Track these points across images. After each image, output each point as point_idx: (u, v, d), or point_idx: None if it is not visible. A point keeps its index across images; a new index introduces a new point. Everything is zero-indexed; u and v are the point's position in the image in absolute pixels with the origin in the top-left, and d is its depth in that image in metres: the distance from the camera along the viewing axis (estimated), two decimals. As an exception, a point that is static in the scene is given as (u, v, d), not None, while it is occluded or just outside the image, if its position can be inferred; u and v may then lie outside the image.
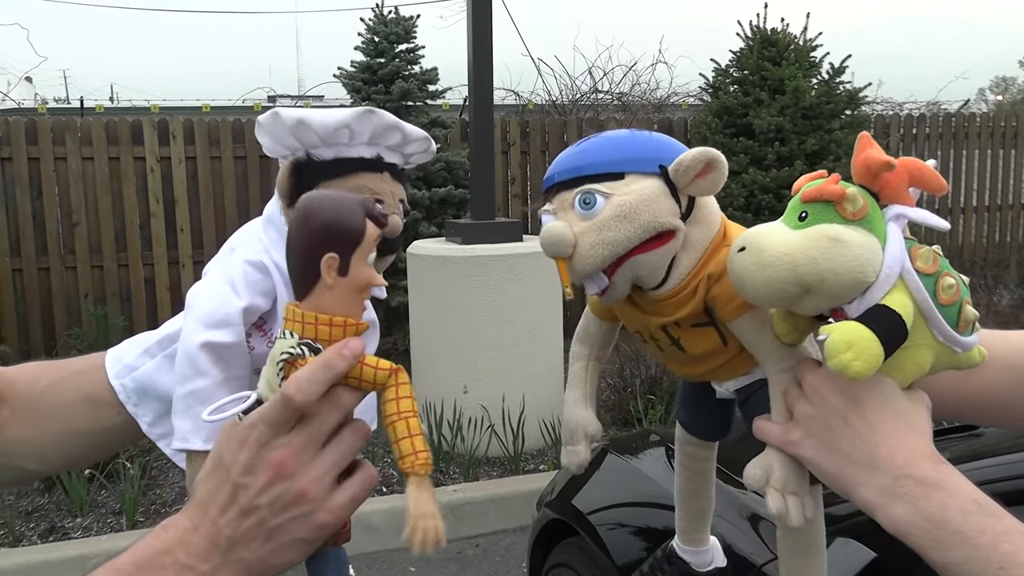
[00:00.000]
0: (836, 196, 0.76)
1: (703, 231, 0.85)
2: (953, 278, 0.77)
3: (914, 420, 0.78)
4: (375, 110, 0.90)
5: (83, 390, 0.93)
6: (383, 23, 6.92)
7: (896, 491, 0.73)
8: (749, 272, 0.76)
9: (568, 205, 0.82)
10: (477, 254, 4.69)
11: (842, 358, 0.71)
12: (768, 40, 6.79)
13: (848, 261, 0.73)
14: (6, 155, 6.49)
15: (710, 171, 0.81)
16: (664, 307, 0.86)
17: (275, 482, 0.68)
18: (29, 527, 4.08)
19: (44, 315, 6.65)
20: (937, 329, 0.77)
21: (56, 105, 12.52)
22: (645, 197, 0.80)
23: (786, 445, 0.81)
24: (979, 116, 9.36)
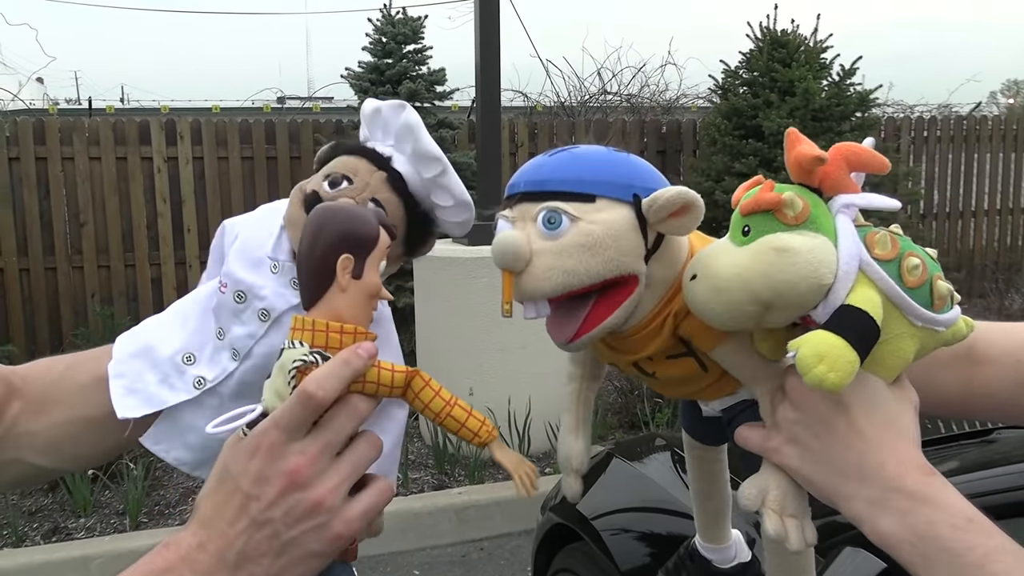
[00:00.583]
0: (773, 204, 0.71)
1: (667, 269, 0.79)
2: (917, 257, 0.73)
3: (903, 423, 0.74)
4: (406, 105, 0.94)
5: (94, 372, 0.91)
6: (391, 24, 6.90)
7: (885, 504, 0.70)
8: (704, 299, 0.73)
9: (530, 218, 0.76)
10: (484, 255, 4.66)
11: (815, 372, 0.67)
12: (778, 41, 6.75)
13: (800, 269, 0.69)
14: (14, 155, 6.49)
15: (685, 213, 0.75)
16: (630, 343, 0.82)
17: (289, 492, 0.65)
18: (32, 527, 4.08)
19: (51, 315, 6.65)
20: (912, 315, 0.73)
21: (67, 106, 12.55)
22: (613, 230, 0.74)
23: (767, 452, 0.77)
24: (991, 119, 9.30)
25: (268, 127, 7.00)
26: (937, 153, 8.87)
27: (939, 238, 8.85)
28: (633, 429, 4.93)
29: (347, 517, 0.67)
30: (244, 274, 0.89)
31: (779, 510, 0.77)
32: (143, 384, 0.90)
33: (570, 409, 0.95)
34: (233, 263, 0.90)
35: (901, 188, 6.88)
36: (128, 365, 0.91)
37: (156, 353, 0.91)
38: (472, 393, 4.64)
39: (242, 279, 0.89)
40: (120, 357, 0.91)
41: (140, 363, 0.91)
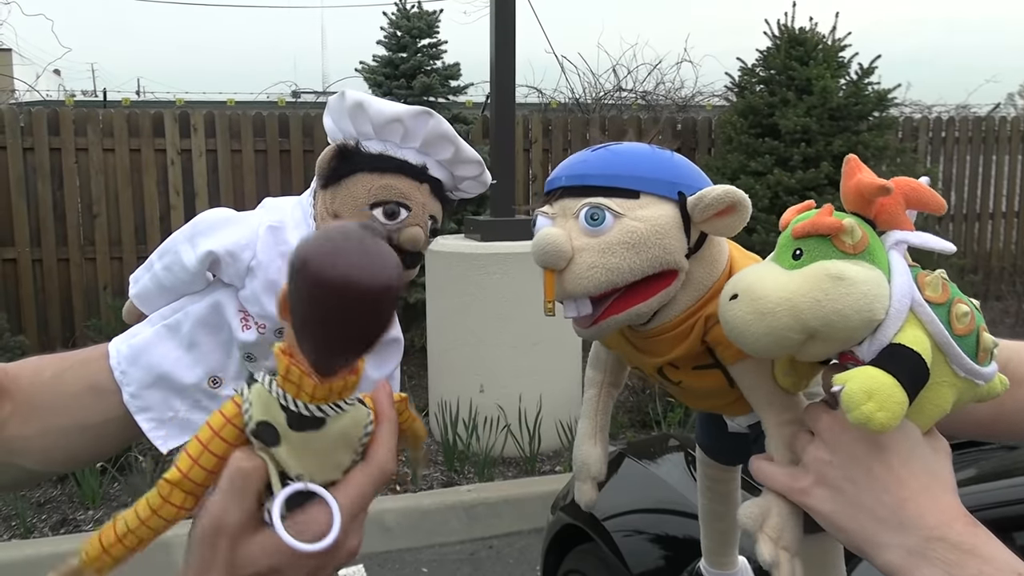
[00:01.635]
0: (833, 229, 0.68)
1: (707, 270, 0.77)
2: (966, 305, 0.70)
3: (941, 473, 0.70)
4: (433, 113, 0.88)
5: (87, 380, 0.89)
6: (406, 17, 6.88)
7: (927, 554, 0.66)
8: (745, 322, 0.68)
9: (571, 214, 0.74)
10: (496, 251, 4.64)
11: (863, 409, 0.63)
12: (796, 39, 6.69)
13: (855, 300, 0.66)
14: (28, 145, 6.50)
15: (731, 213, 0.73)
16: (655, 344, 0.79)
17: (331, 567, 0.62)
18: (41, 519, 4.07)
19: (63, 306, 6.66)
20: (957, 363, 0.69)
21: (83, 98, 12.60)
22: (657, 228, 0.72)
23: (793, 493, 0.73)
24: (1009, 121, 9.20)
25: (282, 120, 6.99)
26: (955, 154, 8.79)
27: (956, 240, 8.77)
28: (645, 428, 4.89)
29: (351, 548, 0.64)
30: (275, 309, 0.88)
31: (776, 539, 0.75)
32: (172, 412, 0.90)
33: (588, 415, 0.92)
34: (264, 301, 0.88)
35: (918, 189, 6.81)
36: (149, 397, 0.89)
37: (175, 381, 0.90)
38: (483, 390, 4.62)
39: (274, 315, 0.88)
40: (135, 390, 0.89)
41: (161, 393, 0.90)
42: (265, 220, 0.90)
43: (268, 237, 0.89)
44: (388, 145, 0.88)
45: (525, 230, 4.86)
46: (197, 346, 0.90)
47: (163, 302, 0.93)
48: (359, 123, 0.88)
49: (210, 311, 0.90)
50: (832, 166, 6.29)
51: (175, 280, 0.91)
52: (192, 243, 0.89)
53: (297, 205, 0.92)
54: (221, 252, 0.87)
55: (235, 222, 0.90)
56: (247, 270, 0.88)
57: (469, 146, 0.92)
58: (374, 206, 0.85)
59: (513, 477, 4.50)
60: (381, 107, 0.86)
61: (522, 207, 7.05)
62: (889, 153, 6.70)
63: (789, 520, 0.75)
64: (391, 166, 0.87)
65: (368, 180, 0.86)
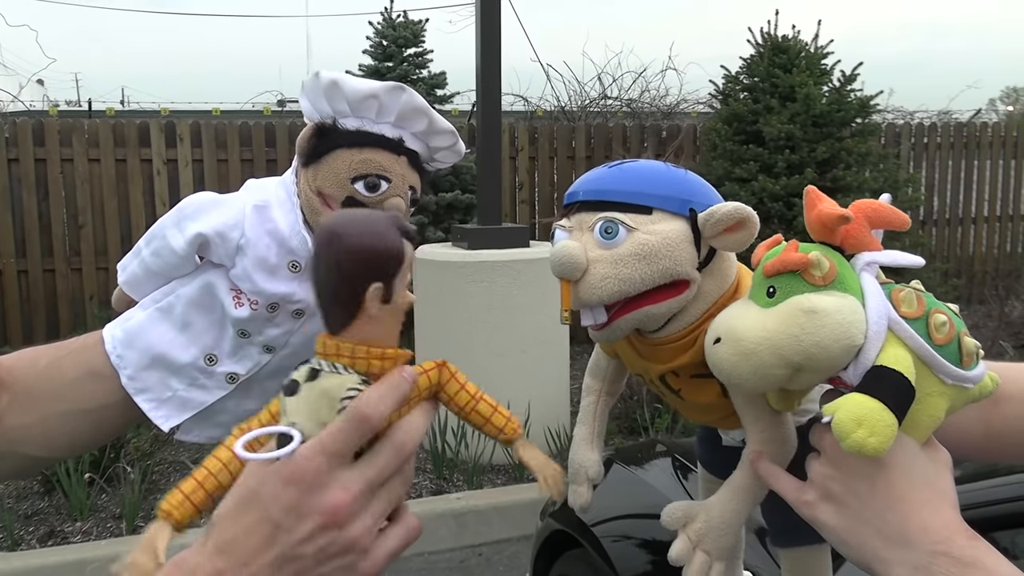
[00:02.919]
0: (800, 264, 0.70)
1: (717, 283, 0.80)
2: (944, 313, 0.72)
3: (941, 485, 0.72)
4: (406, 88, 0.91)
5: (84, 366, 0.90)
6: (392, 27, 6.90)
7: (931, 570, 0.67)
8: (731, 364, 0.71)
9: (587, 227, 0.78)
10: (483, 259, 4.65)
11: (855, 438, 0.65)
12: (779, 47, 6.74)
13: (831, 331, 0.68)
14: (13, 156, 6.49)
15: (741, 228, 0.76)
16: (660, 352, 0.83)
17: (326, 529, 0.62)
18: (28, 531, 4.05)
19: (49, 316, 6.64)
20: (943, 373, 0.71)
21: (67, 108, 12.55)
22: (668, 241, 0.76)
23: (800, 506, 0.75)
24: (991, 126, 9.30)
25: (268, 130, 6.99)
26: (937, 159, 8.87)
27: (939, 244, 8.84)
28: (633, 435, 4.91)
29: (376, 558, 0.65)
30: (271, 286, 0.90)
31: (695, 541, 0.79)
32: (171, 392, 0.92)
33: (585, 421, 0.95)
34: (256, 278, 0.90)
35: (901, 194, 6.87)
36: (146, 378, 0.91)
37: (171, 361, 0.91)
38: (471, 397, 4.62)
39: (273, 292, 0.90)
40: (132, 373, 0.91)
41: (158, 373, 0.91)
42: (250, 200, 0.92)
43: (254, 216, 0.90)
44: (364, 121, 0.90)
45: (512, 238, 4.88)
46: (191, 326, 0.92)
47: (152, 287, 0.95)
48: (335, 101, 0.90)
49: (201, 292, 0.92)
50: (816, 172, 6.34)
51: (164, 265, 0.93)
52: (179, 227, 0.90)
53: (280, 185, 0.94)
54: (210, 233, 0.89)
55: (221, 203, 0.92)
56: (236, 249, 0.90)
57: (442, 117, 0.95)
58: (355, 180, 0.88)
59: (502, 484, 4.51)
60: (356, 84, 0.89)
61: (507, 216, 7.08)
62: (872, 159, 6.75)
63: (716, 529, 0.79)
64: (369, 141, 0.90)
65: (348, 155, 0.89)
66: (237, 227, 0.90)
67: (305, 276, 0.91)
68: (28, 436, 0.89)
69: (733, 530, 0.80)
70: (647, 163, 0.82)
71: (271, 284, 0.90)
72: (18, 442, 0.89)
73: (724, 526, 0.80)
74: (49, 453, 0.93)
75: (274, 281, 0.91)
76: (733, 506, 0.81)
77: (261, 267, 0.90)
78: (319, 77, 0.89)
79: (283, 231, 0.90)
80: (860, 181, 6.37)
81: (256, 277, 0.90)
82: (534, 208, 7.72)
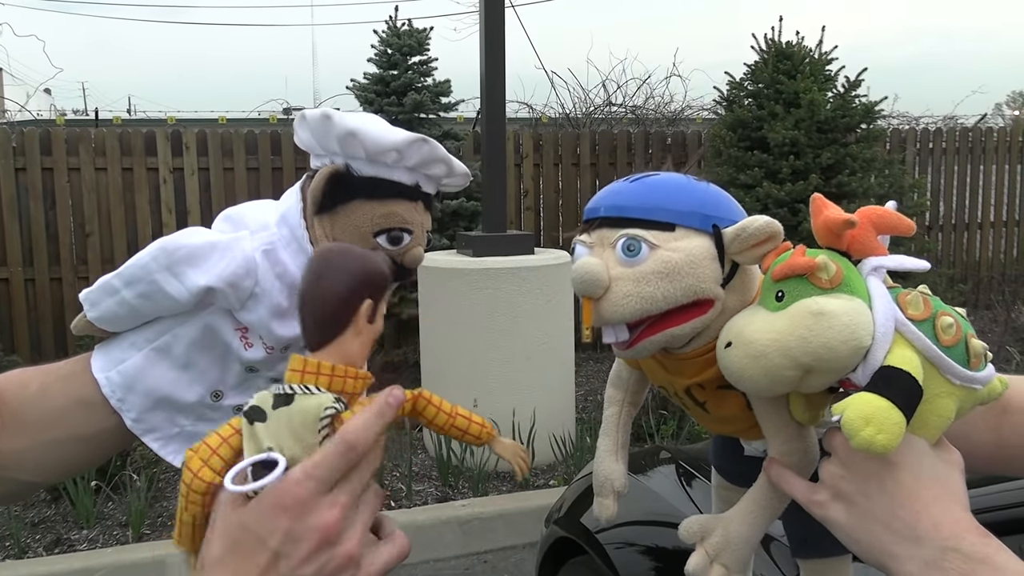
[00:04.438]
0: (807, 268, 0.72)
1: (740, 298, 0.80)
2: (950, 316, 0.73)
3: (951, 484, 0.73)
4: (428, 140, 0.87)
5: (73, 394, 0.88)
6: (396, 35, 6.92)
7: (942, 566, 0.68)
8: (742, 366, 0.73)
9: (608, 244, 0.77)
10: (488, 266, 4.66)
11: (863, 435, 0.67)
12: (783, 53, 6.74)
13: (838, 332, 0.70)
14: (20, 165, 6.52)
15: (768, 243, 0.76)
16: (686, 366, 0.83)
17: (322, 548, 0.63)
18: (35, 538, 4.06)
19: (56, 325, 6.66)
20: (950, 373, 0.73)
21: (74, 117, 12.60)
22: (692, 259, 0.76)
23: (812, 506, 0.76)
24: (996, 131, 9.28)
25: (274, 138, 7.01)
26: (943, 165, 8.85)
27: (945, 250, 8.82)
28: (638, 441, 4.90)
29: (371, 570, 0.66)
30: (285, 331, 0.89)
31: (713, 555, 0.79)
32: (178, 428, 0.91)
33: (609, 433, 0.95)
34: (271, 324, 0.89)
35: (907, 199, 6.86)
36: (152, 419, 0.90)
37: (176, 401, 0.90)
38: (476, 405, 4.62)
39: (289, 336, 0.89)
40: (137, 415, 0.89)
41: (164, 413, 0.90)
42: (257, 245, 0.88)
43: (264, 262, 0.87)
44: (379, 168, 0.87)
45: (516, 245, 4.89)
46: (193, 365, 0.89)
47: (136, 323, 0.91)
48: (350, 148, 0.86)
49: (203, 333, 0.89)
50: (821, 178, 6.33)
51: (157, 308, 0.88)
52: (173, 272, 0.84)
53: (282, 222, 0.89)
54: (220, 286, 0.85)
55: (222, 248, 0.86)
56: (249, 296, 0.87)
57: (459, 162, 0.93)
58: (378, 234, 0.86)
59: (507, 492, 4.51)
60: (376, 137, 0.85)
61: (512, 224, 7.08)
62: (877, 165, 6.75)
63: (732, 544, 0.79)
64: (389, 192, 0.87)
65: (368, 208, 0.86)
66: (249, 275, 0.86)
67: None
68: (19, 462, 0.87)
69: (751, 544, 0.81)
70: (668, 177, 0.81)
71: (285, 328, 0.88)
72: (9, 467, 0.87)
73: (742, 541, 0.80)
74: (41, 478, 0.91)
75: (287, 324, 0.88)
76: (752, 519, 0.81)
77: (278, 314, 0.88)
78: (332, 120, 0.85)
79: (292, 273, 0.87)
80: (865, 187, 6.36)
81: (273, 325, 0.88)
82: (539, 215, 7.73)
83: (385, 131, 0.86)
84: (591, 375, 6.76)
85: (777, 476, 0.79)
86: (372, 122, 0.86)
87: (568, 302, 4.94)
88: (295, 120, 0.91)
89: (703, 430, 4.91)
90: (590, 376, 6.72)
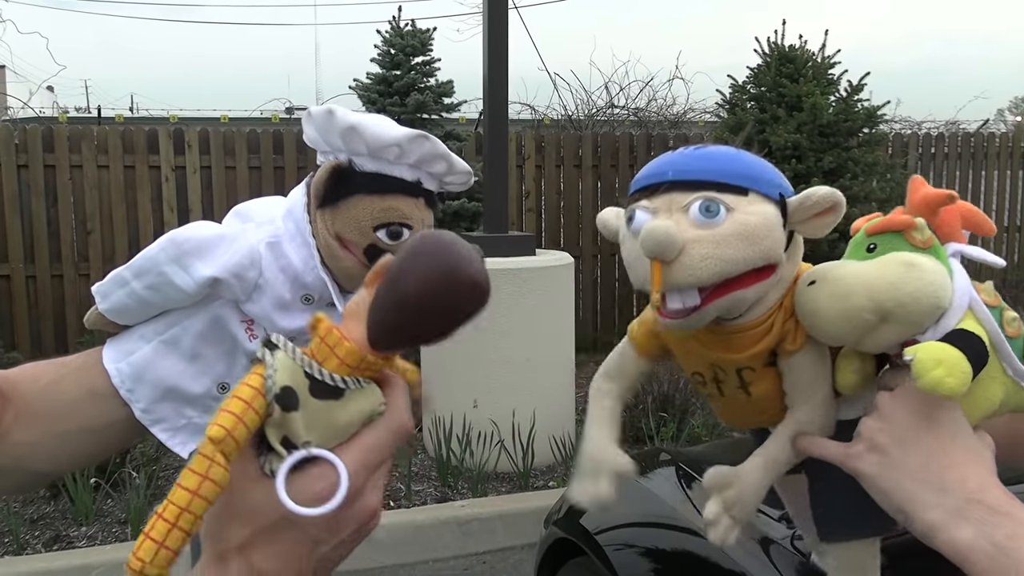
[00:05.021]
0: (905, 225, 0.76)
1: (792, 268, 0.81)
2: (1015, 313, 0.78)
3: (984, 456, 0.76)
4: (429, 137, 0.88)
5: (85, 386, 0.90)
6: (399, 35, 6.92)
7: (965, 514, 0.70)
8: (824, 305, 0.75)
9: (679, 208, 0.76)
10: (489, 267, 4.61)
11: (934, 374, 0.69)
12: (786, 57, 6.75)
13: (925, 285, 0.73)
14: (22, 162, 6.52)
15: (831, 214, 0.78)
16: (736, 341, 0.82)
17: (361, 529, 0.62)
18: (34, 535, 4.06)
19: (56, 322, 6.66)
20: (1007, 362, 0.76)
21: (77, 114, 12.62)
22: (768, 222, 0.76)
23: (847, 459, 0.78)
24: (998, 136, 9.28)
25: (276, 137, 7.02)
26: (944, 170, 8.86)
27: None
28: (638, 443, 4.90)
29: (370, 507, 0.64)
30: (287, 322, 0.90)
31: (728, 506, 0.83)
32: (185, 419, 0.92)
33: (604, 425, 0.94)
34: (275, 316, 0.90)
35: (908, 204, 6.85)
36: (160, 410, 0.91)
37: (184, 392, 0.91)
38: (476, 406, 4.63)
39: (291, 328, 0.90)
40: (145, 406, 0.91)
41: (171, 404, 0.92)
42: (262, 236, 0.90)
43: (268, 254, 0.89)
44: (382, 163, 0.88)
45: (518, 247, 4.89)
46: (201, 357, 0.91)
47: (146, 316, 0.93)
48: (352, 143, 0.87)
49: (210, 325, 0.91)
50: (822, 182, 6.34)
51: (165, 300, 0.90)
52: (181, 264, 0.86)
53: (288, 216, 0.91)
54: (226, 276, 0.86)
55: (227, 240, 0.88)
56: (254, 287, 0.88)
57: (459, 159, 0.94)
58: (377, 228, 0.87)
59: (507, 492, 4.51)
60: (377, 132, 0.86)
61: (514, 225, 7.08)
62: (879, 169, 6.75)
63: (746, 498, 0.82)
64: (390, 187, 0.88)
65: (369, 203, 0.87)
66: (254, 267, 0.88)
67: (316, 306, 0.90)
68: (32, 452, 0.89)
69: (758, 499, 0.84)
70: (730, 149, 0.81)
71: (287, 320, 0.90)
72: (23, 458, 0.89)
73: (752, 496, 0.83)
74: (53, 468, 0.93)
75: (290, 316, 0.90)
76: (762, 476, 0.84)
77: (281, 306, 0.89)
78: (335, 116, 0.86)
79: (296, 266, 0.89)
80: (867, 191, 6.36)
81: (276, 317, 0.90)
82: (540, 217, 7.73)
83: (387, 127, 0.87)
84: (591, 377, 6.68)
85: (808, 443, 0.82)
86: (375, 119, 0.88)
87: (569, 303, 4.95)
88: (303, 117, 0.92)
89: (704, 433, 4.93)
90: (590, 378, 6.62)
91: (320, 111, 0.88)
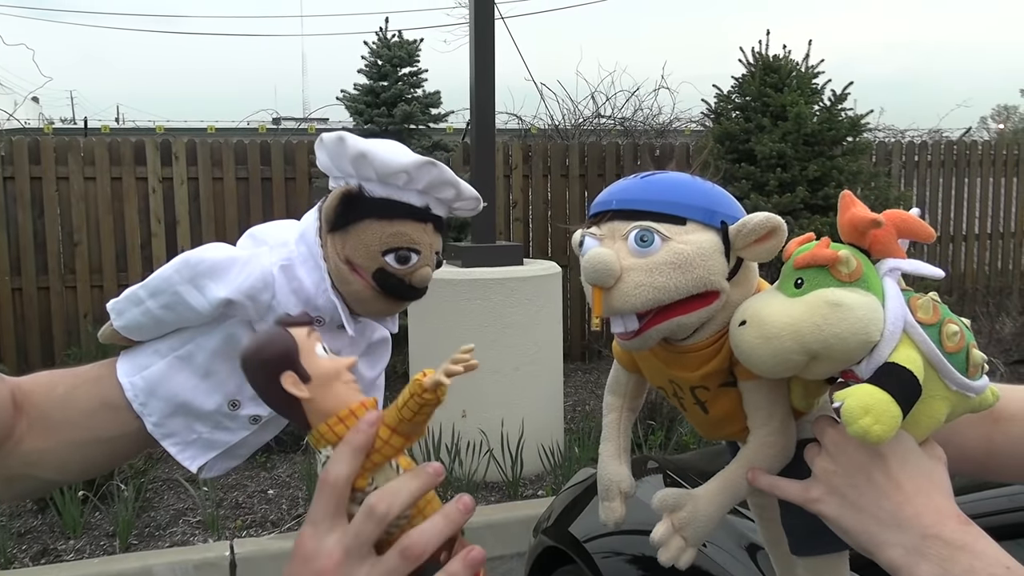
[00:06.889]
0: (830, 260, 0.75)
1: (742, 292, 0.83)
2: (956, 324, 0.77)
3: (935, 476, 0.77)
4: (437, 164, 0.90)
5: (100, 397, 0.91)
6: (387, 47, 6.95)
7: (923, 551, 0.72)
8: (753, 346, 0.76)
9: (619, 236, 0.80)
10: (477, 277, 4.68)
11: (861, 424, 0.70)
12: (770, 67, 6.81)
13: (851, 324, 0.73)
14: (8, 174, 6.50)
15: (771, 238, 0.79)
16: (687, 359, 0.85)
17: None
18: (21, 549, 4.04)
19: (43, 334, 6.63)
20: (948, 378, 0.76)
21: (62, 125, 12.58)
22: (702, 251, 0.78)
23: (808, 503, 0.80)
24: (981, 144, 9.37)
25: (263, 148, 7.02)
26: (928, 177, 8.93)
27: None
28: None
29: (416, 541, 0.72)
30: None
31: (678, 527, 0.84)
32: (195, 435, 0.93)
33: (610, 438, 0.98)
34: None
35: (892, 212, 6.91)
36: (172, 424, 0.92)
37: (195, 408, 0.92)
38: (465, 415, 4.63)
39: None
40: (157, 420, 0.92)
41: (183, 419, 0.93)
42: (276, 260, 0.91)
43: (281, 277, 0.90)
44: (391, 189, 0.89)
45: (506, 256, 4.91)
46: (213, 374, 0.92)
47: (160, 333, 0.94)
48: (362, 169, 0.89)
49: (224, 342, 0.92)
50: (807, 191, 6.39)
51: (179, 319, 0.92)
52: (196, 285, 0.88)
53: (300, 240, 0.93)
54: (240, 299, 0.88)
55: (243, 263, 0.90)
56: (267, 309, 0.89)
57: (467, 184, 0.95)
58: (386, 253, 0.88)
59: (496, 502, 4.51)
60: (386, 159, 0.87)
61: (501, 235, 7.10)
62: (863, 177, 6.81)
63: (699, 520, 0.83)
64: (399, 213, 0.89)
65: (378, 228, 0.88)
66: (267, 289, 0.89)
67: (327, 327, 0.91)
68: (44, 460, 0.90)
69: (714, 522, 0.85)
70: (677, 175, 0.83)
71: None
72: (35, 465, 0.90)
73: (707, 519, 0.84)
74: (62, 477, 0.95)
75: None
76: (720, 499, 0.85)
77: None
78: (345, 142, 0.88)
79: (308, 289, 0.90)
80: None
81: None
82: (528, 226, 7.75)
83: (396, 154, 0.88)
84: (579, 386, 6.77)
85: (769, 484, 0.82)
86: (385, 145, 0.89)
87: (557, 313, 4.96)
88: (315, 143, 0.94)
89: (692, 440, 4.95)
90: (579, 387, 6.74)
91: (331, 137, 0.90)
